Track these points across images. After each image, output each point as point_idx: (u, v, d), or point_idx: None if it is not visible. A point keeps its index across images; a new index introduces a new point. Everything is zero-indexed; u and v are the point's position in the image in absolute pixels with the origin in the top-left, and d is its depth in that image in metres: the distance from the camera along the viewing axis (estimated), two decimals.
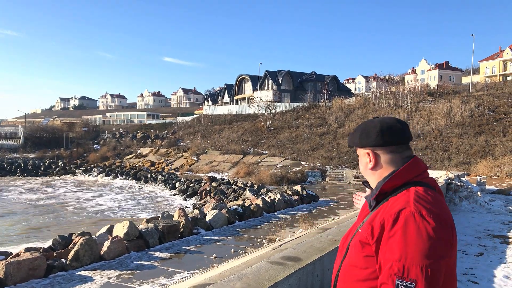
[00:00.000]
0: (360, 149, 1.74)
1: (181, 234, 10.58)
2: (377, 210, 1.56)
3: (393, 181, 1.60)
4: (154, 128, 63.49)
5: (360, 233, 1.56)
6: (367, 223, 1.55)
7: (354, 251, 1.56)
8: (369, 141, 1.67)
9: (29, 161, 44.99)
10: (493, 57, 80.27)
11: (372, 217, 1.55)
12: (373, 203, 1.62)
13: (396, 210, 1.44)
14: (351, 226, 1.76)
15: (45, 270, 7.56)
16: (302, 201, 16.94)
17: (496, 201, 14.97)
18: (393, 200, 1.53)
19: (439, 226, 1.38)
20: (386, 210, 1.50)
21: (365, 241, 1.51)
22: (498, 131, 31.55)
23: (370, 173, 1.71)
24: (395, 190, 1.58)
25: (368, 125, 1.69)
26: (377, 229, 1.46)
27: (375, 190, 1.64)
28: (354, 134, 1.74)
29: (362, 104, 46.08)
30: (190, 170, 36.11)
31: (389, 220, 1.43)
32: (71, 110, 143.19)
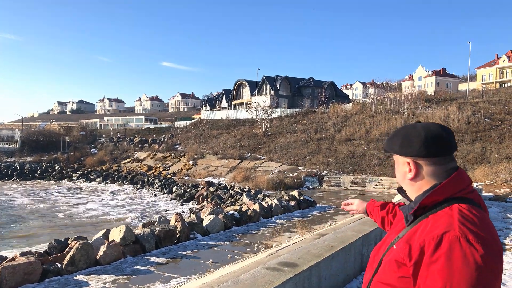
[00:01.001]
0: (399, 157, 1.59)
1: (177, 239, 10.55)
2: (415, 227, 1.46)
3: (434, 196, 1.48)
4: (151, 132, 63.42)
5: (396, 250, 1.47)
6: (403, 241, 1.45)
7: (388, 269, 1.48)
8: (411, 151, 1.52)
9: (26, 164, 44.81)
10: (489, 64, 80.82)
11: (409, 235, 1.45)
12: (411, 218, 1.52)
13: (439, 232, 1.33)
14: (384, 238, 1.69)
15: (40, 275, 7.52)
16: (299, 207, 16.93)
17: (492, 207, 15.01)
18: (434, 219, 1.42)
19: (487, 253, 1.26)
20: (427, 231, 1.38)
21: (401, 261, 1.41)
22: (495, 138, 31.69)
23: (408, 184, 1.58)
24: (435, 205, 1.47)
25: (411, 132, 1.54)
26: (416, 251, 1.36)
27: (413, 204, 1.53)
28: (393, 140, 1.59)
29: (359, 110, 46.21)
30: (187, 174, 36.07)
31: (430, 244, 1.32)
32: (69, 114, 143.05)
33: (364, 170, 30.35)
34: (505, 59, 77.31)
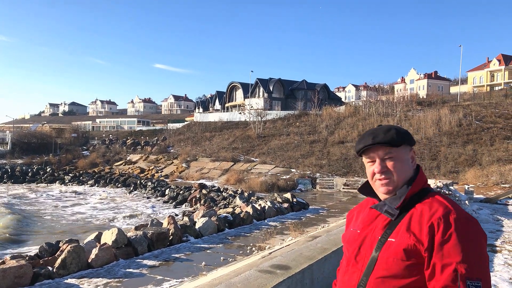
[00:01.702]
0: (400, 148, 1.66)
1: (170, 241, 10.51)
2: (406, 218, 1.57)
3: (415, 187, 1.64)
4: (144, 134, 63.17)
5: (397, 242, 1.53)
6: (402, 231, 1.54)
7: (392, 262, 1.52)
8: (413, 141, 1.71)
9: (17, 167, 44.38)
10: (480, 68, 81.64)
11: (405, 225, 1.55)
12: (396, 212, 1.61)
13: (440, 214, 1.50)
14: (356, 238, 1.70)
15: (31, 278, 7.44)
16: (292, 209, 16.94)
17: (483, 209, 15.14)
18: (424, 207, 1.56)
19: (478, 225, 1.51)
20: (427, 216, 1.52)
21: (411, 249, 1.49)
22: (486, 140, 31.99)
23: (408, 174, 1.66)
24: (412, 197, 1.62)
25: (397, 127, 1.70)
26: (425, 235, 1.48)
27: (398, 197, 1.62)
28: (394, 136, 1.65)
29: (352, 113, 46.42)
30: (180, 177, 35.95)
31: (440, 225, 1.47)
32: (61, 116, 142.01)
33: (357, 173, 30.47)
34: (495, 63, 78.13)
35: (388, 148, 1.64)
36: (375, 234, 1.63)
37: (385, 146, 1.64)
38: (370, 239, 1.63)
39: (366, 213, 1.75)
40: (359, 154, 1.76)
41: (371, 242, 1.62)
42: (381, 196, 1.69)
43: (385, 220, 1.63)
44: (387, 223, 1.61)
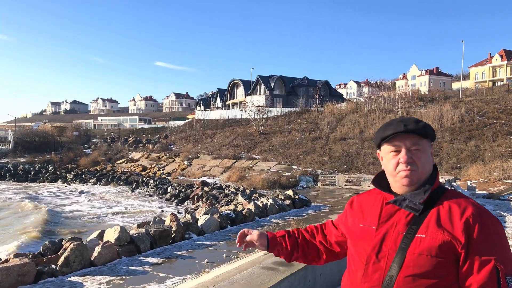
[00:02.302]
0: (425, 141, 1.62)
1: (172, 239, 10.52)
2: (432, 213, 1.54)
3: (437, 183, 1.64)
4: (145, 132, 63.22)
5: (429, 238, 1.49)
6: (434, 227, 1.50)
7: (424, 259, 1.48)
8: (435, 137, 1.68)
9: (19, 165, 44.49)
10: (482, 63, 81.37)
11: (434, 221, 1.51)
12: (421, 207, 1.56)
13: (472, 211, 1.50)
14: (373, 234, 1.62)
15: (34, 276, 7.46)
16: (294, 206, 16.94)
17: (486, 205, 15.13)
18: (452, 203, 1.54)
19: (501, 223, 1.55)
20: (457, 212, 1.50)
21: (447, 245, 1.47)
22: (488, 136, 31.91)
23: (428, 169, 1.62)
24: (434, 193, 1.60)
25: (419, 120, 1.65)
26: (461, 232, 1.46)
27: (425, 192, 1.57)
28: (425, 126, 1.62)
29: (353, 109, 46.35)
30: (182, 174, 36.00)
31: (475, 222, 1.46)
32: (62, 115, 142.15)
33: (359, 169, 30.46)
34: (497, 58, 77.87)
35: (417, 138, 1.59)
36: (397, 230, 1.56)
37: (415, 135, 1.59)
38: (393, 236, 1.56)
39: (379, 208, 1.67)
40: (381, 143, 1.68)
41: (394, 238, 1.56)
42: (400, 190, 1.63)
43: (407, 216, 1.57)
44: (410, 219, 1.56)
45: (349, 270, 1.74)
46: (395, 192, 1.65)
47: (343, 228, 1.86)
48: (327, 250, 1.97)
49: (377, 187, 1.73)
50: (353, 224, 1.75)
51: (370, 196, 1.79)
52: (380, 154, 1.73)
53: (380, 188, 1.71)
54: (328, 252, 1.97)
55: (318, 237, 1.99)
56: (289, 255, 1.99)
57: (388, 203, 1.64)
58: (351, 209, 1.83)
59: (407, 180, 1.58)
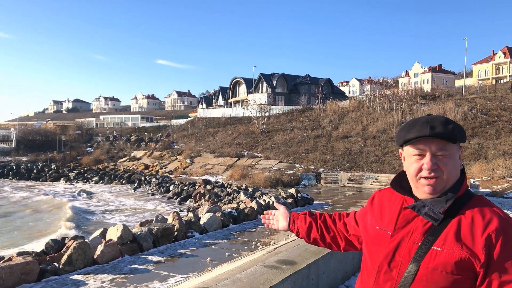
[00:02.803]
0: (453, 146, 1.46)
1: (175, 237, 10.52)
2: (452, 224, 1.41)
3: (462, 190, 1.48)
4: (148, 131, 63.31)
5: (447, 253, 1.36)
6: (452, 241, 1.37)
7: (438, 274, 1.36)
8: (465, 139, 1.53)
9: (22, 164, 44.64)
10: (485, 60, 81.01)
11: (453, 233, 1.38)
12: (441, 216, 1.42)
13: (497, 225, 1.35)
14: (388, 240, 1.52)
15: (37, 275, 7.48)
16: (296, 204, 16.93)
17: None
18: (476, 214, 1.40)
19: None
20: (480, 225, 1.36)
21: (465, 262, 1.34)
22: (491, 134, 31.80)
23: (456, 174, 1.47)
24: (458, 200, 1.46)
25: (449, 121, 1.48)
26: (481, 249, 1.33)
27: (447, 200, 1.44)
28: (454, 129, 1.45)
29: (356, 107, 46.27)
30: (184, 173, 36.02)
31: (498, 238, 1.32)
32: (65, 113, 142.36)
33: (361, 167, 30.40)
34: (501, 55, 77.50)
35: (444, 143, 1.43)
36: (413, 239, 1.45)
37: (442, 140, 1.43)
38: (408, 245, 1.45)
39: (397, 212, 1.55)
40: (403, 144, 1.52)
41: (409, 248, 1.45)
42: (422, 196, 1.49)
43: (425, 224, 1.45)
44: (428, 228, 1.44)
45: (362, 275, 1.66)
46: (416, 196, 1.52)
47: (361, 226, 1.79)
48: (346, 239, 1.94)
49: (397, 190, 1.59)
50: (371, 224, 1.66)
51: (392, 194, 1.66)
52: (403, 154, 1.57)
53: (399, 191, 1.57)
54: (346, 241, 1.94)
55: (339, 224, 1.96)
56: (307, 233, 1.99)
57: (406, 208, 1.52)
58: (372, 206, 1.73)
59: (430, 189, 1.45)
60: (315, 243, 2.02)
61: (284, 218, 2.12)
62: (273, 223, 2.17)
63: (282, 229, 2.12)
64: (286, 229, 2.10)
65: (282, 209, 2.15)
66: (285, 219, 2.11)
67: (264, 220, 2.21)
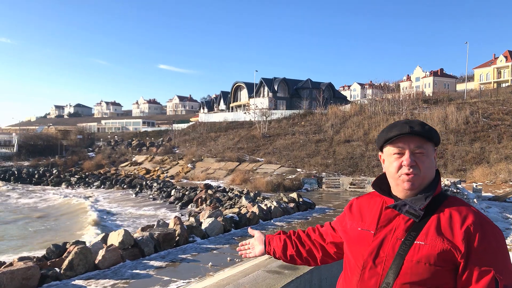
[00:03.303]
0: (430, 145, 1.59)
1: (176, 242, 10.48)
2: (432, 220, 1.51)
3: (439, 189, 1.59)
4: (149, 135, 63.37)
5: (429, 246, 1.45)
6: (433, 235, 1.46)
7: (422, 266, 1.45)
8: (439, 141, 1.63)
9: (23, 169, 44.69)
10: (487, 64, 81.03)
11: (434, 228, 1.48)
12: (421, 213, 1.52)
13: (473, 220, 1.46)
14: (371, 239, 1.59)
15: (38, 280, 7.45)
16: (298, 209, 16.87)
17: (492, 208, 15.00)
18: (453, 211, 1.51)
19: (501, 232, 1.51)
20: (458, 220, 1.47)
21: (446, 254, 1.43)
22: (493, 138, 31.73)
23: (431, 174, 1.58)
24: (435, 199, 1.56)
25: (425, 123, 1.61)
26: (461, 241, 1.43)
27: (424, 198, 1.54)
28: (430, 129, 1.58)
29: (357, 111, 46.25)
30: (185, 177, 35.99)
31: (476, 231, 1.43)
32: (66, 118, 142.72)
33: (363, 171, 30.33)
34: (502, 59, 77.51)
35: (421, 141, 1.56)
36: (396, 236, 1.53)
37: (420, 138, 1.55)
38: (391, 242, 1.53)
39: (378, 212, 1.63)
40: (384, 145, 1.64)
41: (392, 244, 1.52)
42: (401, 194, 1.59)
43: (407, 221, 1.54)
44: (410, 225, 1.52)
45: (344, 275, 1.72)
46: (396, 196, 1.62)
47: (341, 231, 1.84)
48: (322, 249, 1.95)
49: (378, 191, 1.68)
50: (351, 227, 1.72)
51: (370, 199, 1.75)
52: (382, 156, 1.69)
53: (380, 192, 1.67)
54: (323, 251, 1.95)
55: (314, 235, 1.99)
56: (284, 251, 1.99)
57: (387, 208, 1.60)
58: (350, 212, 1.80)
59: (409, 184, 1.55)
60: (292, 261, 2.02)
61: (259, 243, 2.11)
62: (250, 251, 2.14)
63: (259, 254, 2.10)
64: (263, 253, 2.08)
65: (257, 234, 2.14)
66: (260, 243, 2.10)
67: (240, 252, 2.18)
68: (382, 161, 1.70)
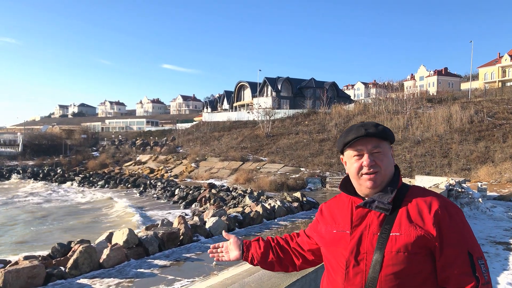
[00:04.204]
0: (386, 144, 1.70)
1: (180, 241, 10.51)
2: (402, 211, 1.59)
3: (400, 182, 1.70)
4: (153, 135, 63.46)
5: (404, 236, 1.53)
6: (406, 224, 1.54)
7: (402, 256, 1.52)
8: (394, 139, 1.74)
9: (28, 168, 44.89)
10: (491, 63, 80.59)
11: (405, 218, 1.56)
12: (390, 206, 1.60)
13: (439, 204, 1.57)
14: (348, 238, 1.63)
15: (44, 278, 7.48)
16: (302, 208, 16.87)
17: (497, 207, 14.92)
18: (418, 199, 1.60)
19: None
20: (426, 207, 1.56)
21: (421, 240, 1.51)
22: (498, 137, 31.55)
23: (390, 170, 1.68)
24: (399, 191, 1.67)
25: (378, 124, 1.72)
26: (432, 226, 1.52)
27: (392, 191, 1.63)
28: (384, 129, 1.69)
29: (361, 111, 46.13)
30: (189, 177, 36.02)
31: (444, 215, 1.54)
32: (70, 118, 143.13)
33: None
34: (507, 58, 77.06)
35: (377, 141, 1.66)
36: (372, 231, 1.60)
37: (375, 139, 1.65)
38: (369, 237, 1.59)
39: (349, 212, 1.70)
40: (343, 148, 1.73)
41: (370, 240, 1.59)
42: (365, 192, 1.68)
43: (379, 216, 1.61)
44: (382, 219, 1.60)
45: (328, 276, 1.74)
46: (361, 195, 1.70)
47: (316, 237, 1.87)
48: (302, 256, 1.98)
49: (344, 192, 1.76)
50: (326, 231, 1.76)
51: (339, 201, 1.81)
52: (344, 159, 1.78)
53: (347, 193, 1.74)
54: (302, 258, 1.99)
55: (292, 243, 2.02)
56: (264, 258, 1.98)
57: (358, 207, 1.67)
58: (322, 216, 1.85)
59: (371, 183, 1.64)
60: (271, 267, 2.02)
61: (235, 248, 2.05)
62: (223, 255, 2.08)
63: (234, 259, 2.04)
64: (239, 259, 2.03)
65: (233, 239, 2.08)
66: (236, 248, 2.04)
67: (212, 255, 2.12)
68: (344, 163, 1.78)
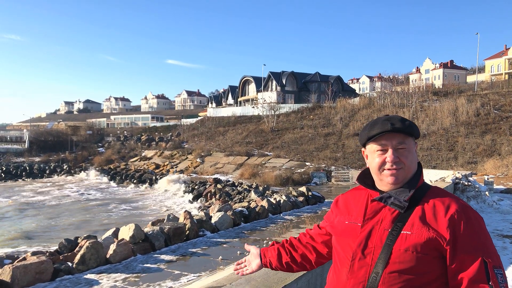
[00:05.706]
0: (411, 140, 1.66)
1: (186, 236, 10.54)
2: (417, 210, 1.56)
3: (421, 180, 1.65)
4: (158, 130, 63.59)
5: (415, 235, 1.50)
6: (419, 224, 1.51)
7: (410, 255, 1.49)
8: (419, 135, 1.70)
9: (35, 164, 45.20)
10: (498, 55, 79.79)
11: (419, 218, 1.53)
12: (406, 204, 1.57)
13: (457, 208, 1.52)
14: (358, 231, 1.62)
15: (51, 274, 7.54)
16: (307, 202, 16.85)
17: (504, 200, 14.83)
18: (436, 200, 1.57)
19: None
20: (441, 209, 1.53)
21: (432, 242, 1.48)
22: (505, 129, 31.32)
23: (413, 167, 1.64)
24: (418, 190, 1.62)
25: (405, 118, 1.66)
26: (446, 229, 1.48)
27: (408, 189, 1.59)
28: (411, 124, 1.64)
29: (366, 104, 45.92)
30: (194, 172, 36.12)
31: (460, 219, 1.49)
32: (76, 114, 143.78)
33: None
34: None
35: (403, 137, 1.62)
36: (383, 227, 1.58)
37: (401, 134, 1.61)
38: (379, 233, 1.57)
39: (364, 205, 1.69)
40: (366, 142, 1.69)
41: (380, 235, 1.57)
42: (386, 188, 1.64)
43: (393, 212, 1.59)
44: (395, 216, 1.57)
45: (334, 267, 1.74)
46: (380, 189, 1.67)
47: (328, 227, 1.87)
48: (315, 250, 1.98)
49: (362, 185, 1.73)
50: (339, 221, 1.76)
51: (356, 193, 1.80)
52: (365, 152, 1.75)
53: (365, 186, 1.72)
54: (315, 251, 1.98)
55: (305, 239, 2.02)
56: (279, 259, 2.00)
57: (373, 201, 1.65)
58: (337, 207, 1.84)
59: (392, 179, 1.61)
60: (289, 268, 2.02)
61: (255, 257, 2.09)
62: (246, 268, 2.11)
63: (256, 268, 2.08)
64: (260, 266, 2.07)
65: (253, 249, 2.13)
66: (256, 257, 2.09)
67: (237, 272, 2.16)
68: (366, 157, 1.75)
